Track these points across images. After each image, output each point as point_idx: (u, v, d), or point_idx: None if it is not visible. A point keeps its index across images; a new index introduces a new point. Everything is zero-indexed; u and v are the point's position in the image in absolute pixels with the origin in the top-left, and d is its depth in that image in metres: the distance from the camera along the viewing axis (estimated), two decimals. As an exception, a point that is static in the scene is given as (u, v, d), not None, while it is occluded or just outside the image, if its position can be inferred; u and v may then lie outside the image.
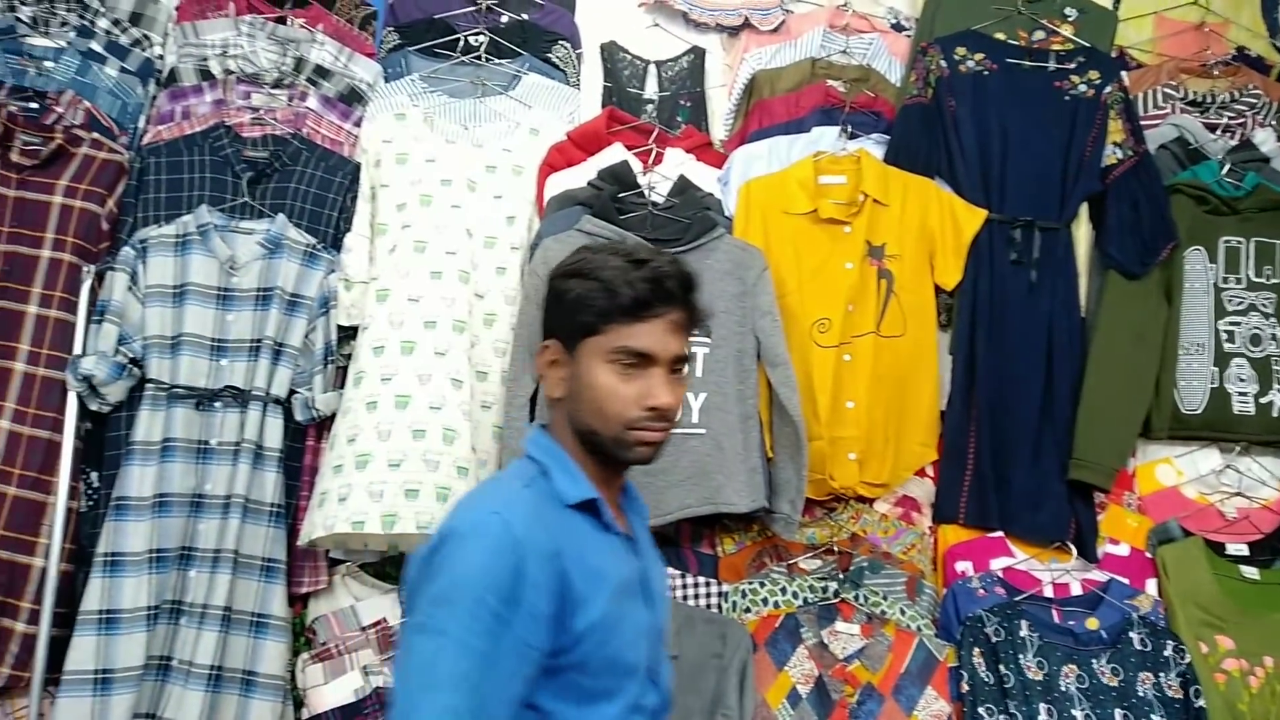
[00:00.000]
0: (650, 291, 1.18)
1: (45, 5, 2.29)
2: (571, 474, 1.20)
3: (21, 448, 2.03)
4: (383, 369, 2.05)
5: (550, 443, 1.23)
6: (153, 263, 2.10)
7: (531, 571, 1.08)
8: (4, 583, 1.97)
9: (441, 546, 1.09)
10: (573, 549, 1.13)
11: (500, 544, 1.07)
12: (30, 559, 2.01)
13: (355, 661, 2.05)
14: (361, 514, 1.94)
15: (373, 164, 2.25)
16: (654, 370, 1.19)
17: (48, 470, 2.05)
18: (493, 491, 1.23)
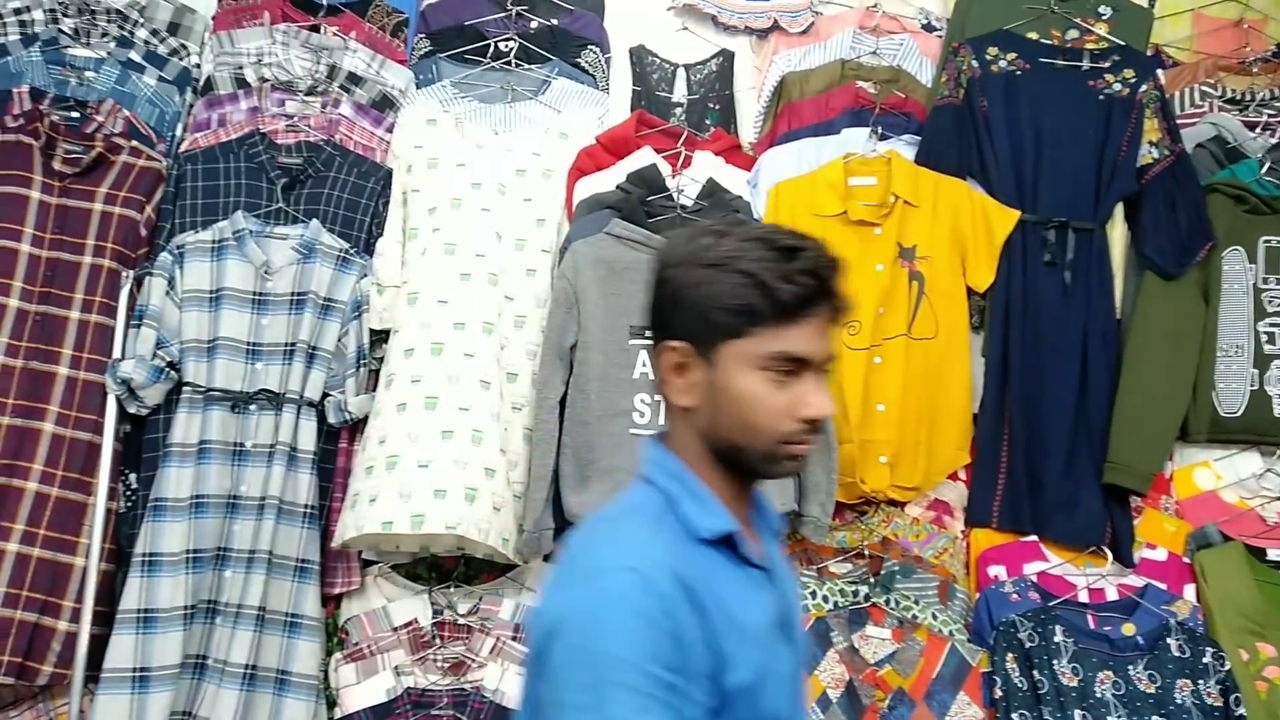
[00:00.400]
0: (810, 288, 1.00)
1: (86, 17, 2.33)
2: (704, 502, 1.03)
3: (64, 450, 2.07)
4: (412, 371, 2.07)
5: (675, 463, 1.05)
6: (190, 268, 2.14)
7: (685, 631, 0.92)
8: (46, 582, 2.01)
9: (569, 615, 0.93)
10: (714, 596, 0.96)
11: (646, 607, 0.90)
12: (72, 558, 2.04)
13: (387, 662, 2.07)
14: (390, 515, 1.96)
15: (404, 169, 2.27)
16: (807, 375, 1.02)
17: (88, 472, 2.08)
18: (620, 538, 1.00)
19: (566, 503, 2.05)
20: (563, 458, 2.07)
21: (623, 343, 2.11)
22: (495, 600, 2.14)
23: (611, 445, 2.05)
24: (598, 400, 2.07)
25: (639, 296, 2.07)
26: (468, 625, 2.11)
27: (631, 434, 2.07)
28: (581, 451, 2.06)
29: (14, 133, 2.18)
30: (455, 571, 2.18)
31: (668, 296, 1.05)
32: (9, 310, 2.09)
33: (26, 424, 2.05)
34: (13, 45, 2.29)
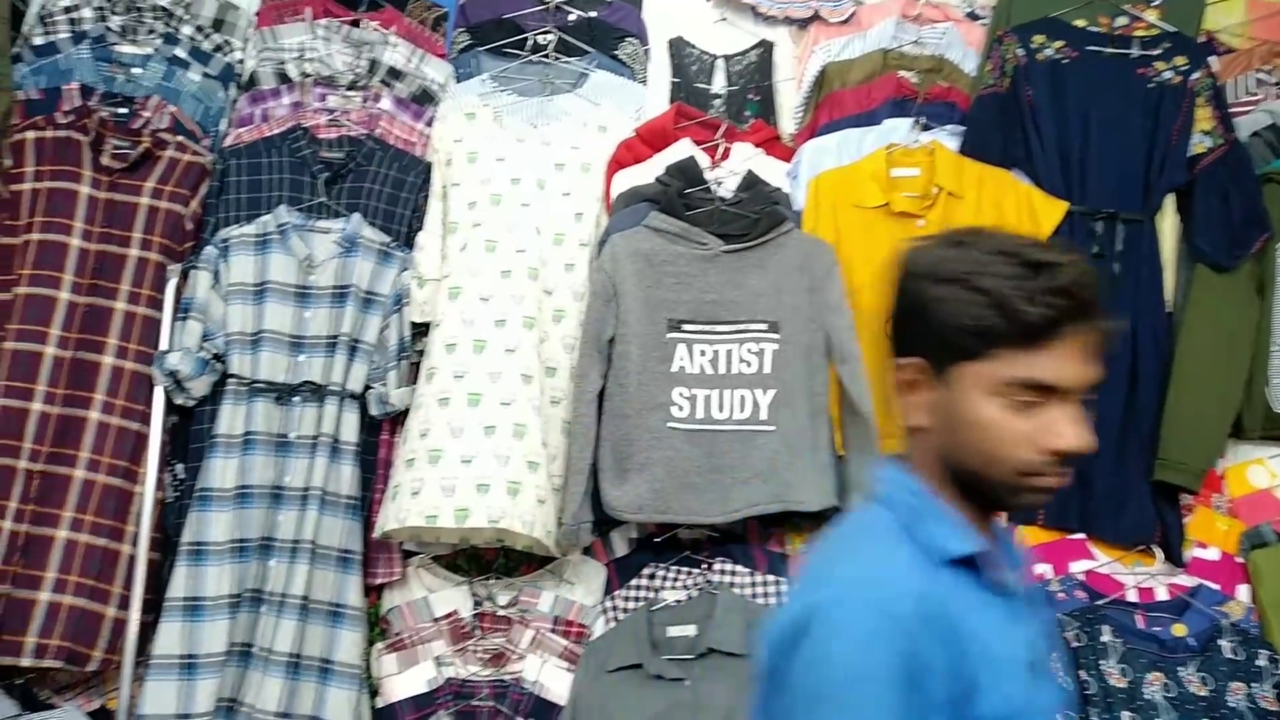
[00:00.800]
0: (1059, 310, 0.90)
1: (133, 14, 2.37)
2: (948, 522, 0.96)
3: (110, 438, 2.10)
4: (455, 366, 2.08)
5: (915, 483, 0.98)
6: (234, 261, 2.17)
7: (926, 654, 0.87)
8: (95, 569, 2.05)
9: (808, 631, 0.89)
10: (963, 621, 0.90)
11: (885, 626, 0.87)
12: (119, 546, 2.08)
13: (428, 652, 2.08)
14: (434, 509, 1.97)
15: (444, 163, 2.28)
16: (1058, 404, 0.93)
17: (134, 460, 2.12)
18: (858, 556, 0.97)
19: (605, 496, 2.05)
20: (601, 451, 2.07)
21: (660, 336, 2.10)
22: (534, 592, 2.14)
23: (650, 438, 2.05)
24: (636, 393, 2.07)
25: (677, 289, 2.11)
26: (507, 617, 2.12)
27: (669, 427, 2.06)
28: (620, 445, 2.06)
29: (64, 129, 2.22)
30: (495, 563, 2.19)
31: (904, 310, 0.99)
32: (59, 302, 2.13)
33: (74, 412, 2.09)
34: (63, 43, 2.34)
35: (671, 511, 2.05)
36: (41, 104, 2.27)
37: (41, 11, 2.37)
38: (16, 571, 2.00)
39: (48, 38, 2.35)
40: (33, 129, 2.21)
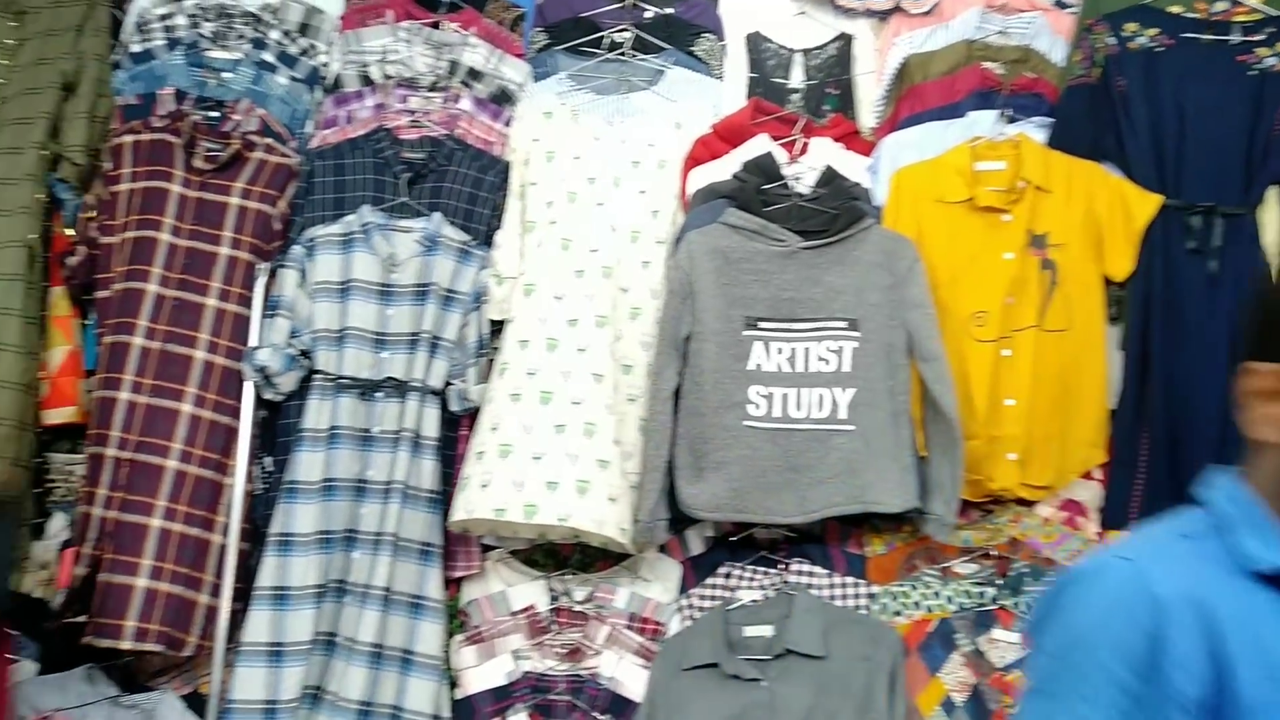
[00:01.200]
0: None
1: (224, 21, 2.44)
2: (1265, 534, 0.89)
3: (201, 430, 2.16)
4: (527, 363, 2.10)
5: (1245, 493, 0.92)
6: (320, 260, 2.22)
7: (1176, 642, 0.82)
8: (189, 557, 2.11)
9: (1063, 591, 0.90)
10: (1247, 629, 0.84)
11: (1128, 599, 0.84)
12: (209, 535, 2.14)
13: (505, 645, 2.11)
14: (503, 503, 2.00)
15: (522, 162, 2.30)
16: None
17: (224, 452, 2.17)
18: (1136, 536, 0.97)
19: (681, 494, 2.05)
20: (677, 449, 2.07)
21: (737, 333, 2.09)
22: (610, 589, 2.15)
23: (726, 437, 2.04)
24: (712, 391, 2.06)
25: (754, 287, 2.10)
26: (583, 613, 2.13)
27: (746, 426, 2.05)
28: (696, 443, 2.06)
29: (159, 132, 2.29)
30: (571, 559, 2.20)
31: (1267, 316, 0.91)
32: (147, 295, 2.19)
33: (164, 404, 2.15)
34: (159, 50, 2.41)
35: (748, 511, 2.04)
36: (138, 108, 2.36)
37: (139, 20, 2.46)
38: (110, 557, 2.07)
39: (144, 45, 2.43)
40: (130, 132, 2.29)
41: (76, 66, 2.34)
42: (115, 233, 2.24)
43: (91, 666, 2.09)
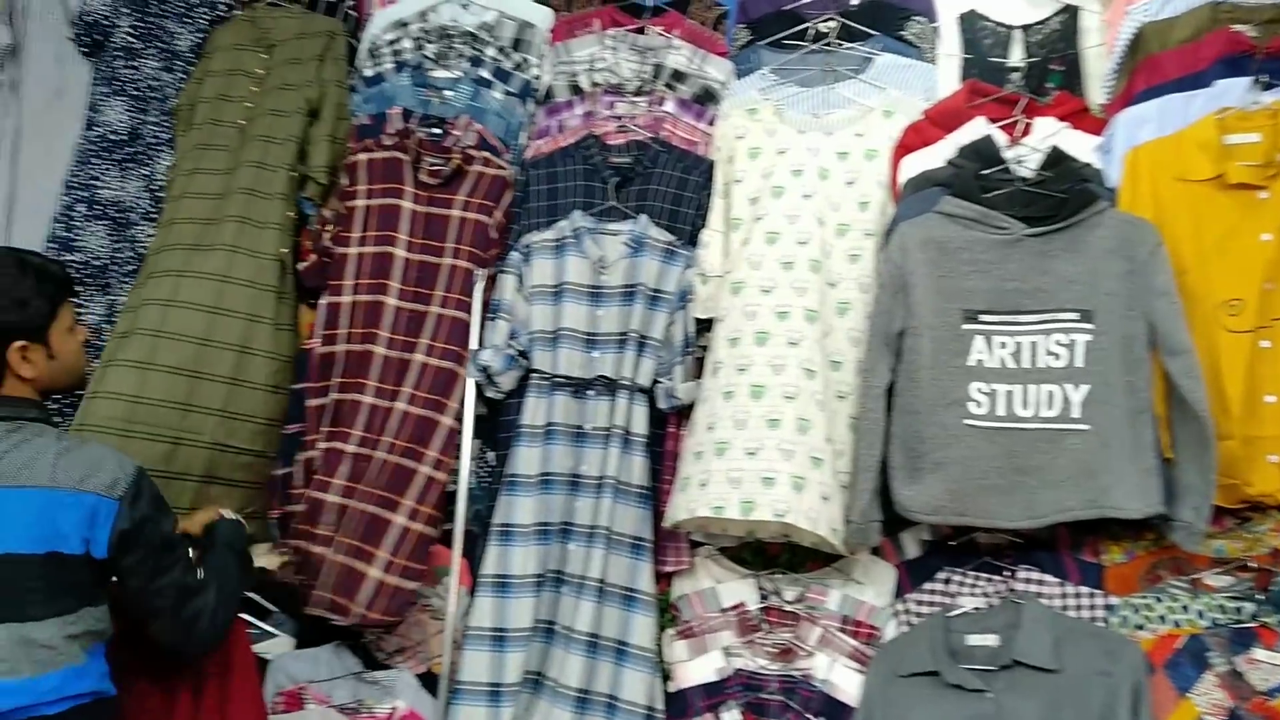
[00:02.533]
0: None
1: (445, 42, 2.59)
2: None
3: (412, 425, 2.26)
4: (738, 359, 2.10)
5: None
6: (535, 265, 2.32)
7: None
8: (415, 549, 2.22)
9: None
10: None
11: None
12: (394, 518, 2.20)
13: (716, 642, 2.12)
14: (721, 499, 2.00)
15: (726, 160, 2.30)
16: None
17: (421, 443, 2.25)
18: None
19: (896, 495, 1.98)
20: (891, 448, 2.00)
21: (955, 327, 2.00)
22: (821, 590, 2.12)
23: (944, 436, 1.96)
24: (929, 388, 1.98)
25: (974, 278, 1.99)
26: (794, 613, 2.11)
27: (966, 425, 1.96)
28: (911, 442, 1.98)
29: (389, 150, 2.47)
30: (780, 558, 2.18)
31: None
32: (387, 308, 2.36)
33: (388, 404, 2.28)
34: (388, 73, 2.60)
35: (970, 514, 1.94)
36: (371, 128, 2.54)
37: (370, 46, 2.66)
38: (348, 542, 2.21)
39: (375, 69, 2.63)
40: (364, 151, 2.48)
41: (319, 93, 2.55)
42: (350, 245, 2.41)
43: (339, 643, 2.27)
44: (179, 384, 2.24)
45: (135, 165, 2.57)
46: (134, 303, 2.36)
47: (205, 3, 2.71)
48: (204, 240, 2.38)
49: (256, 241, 2.39)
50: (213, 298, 2.32)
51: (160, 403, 2.22)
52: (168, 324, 2.28)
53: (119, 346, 2.29)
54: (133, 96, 2.62)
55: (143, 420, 2.20)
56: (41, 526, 1.49)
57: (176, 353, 2.26)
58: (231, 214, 2.40)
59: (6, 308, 1.54)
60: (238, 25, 2.67)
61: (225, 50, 2.64)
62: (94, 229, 2.51)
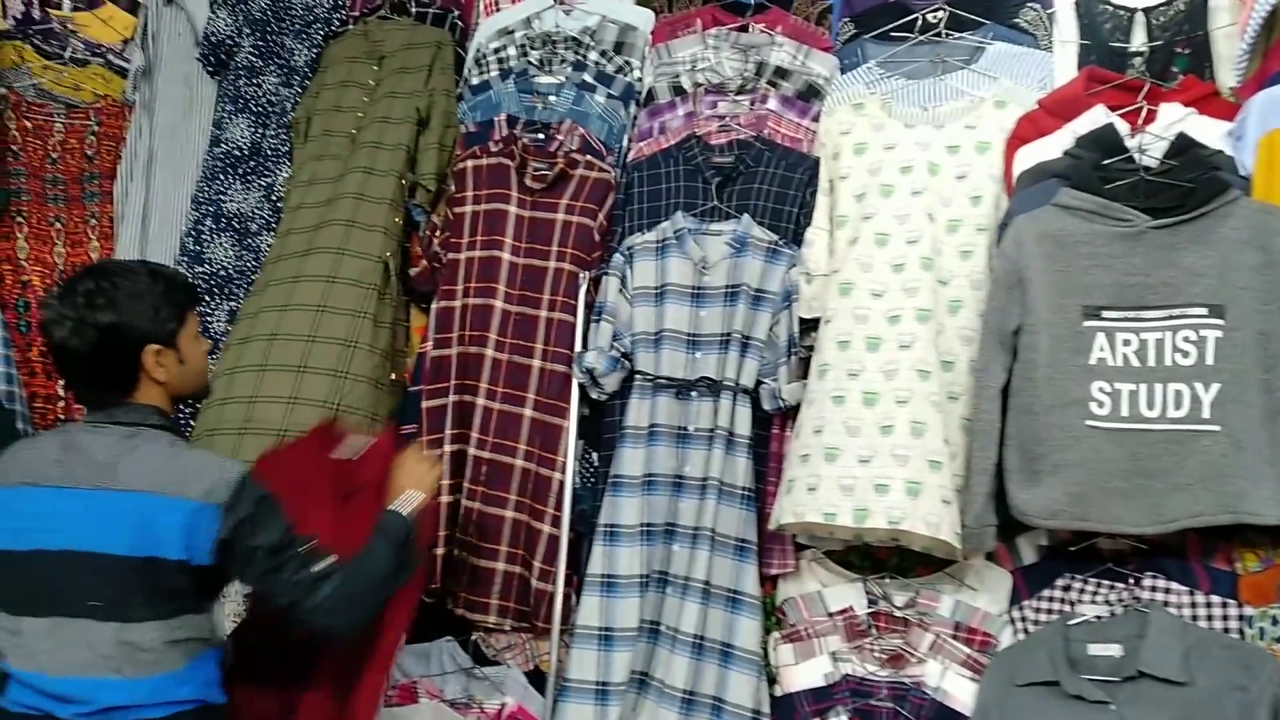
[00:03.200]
0: None
1: (548, 48, 2.63)
2: None
3: (538, 431, 2.33)
4: (848, 364, 2.06)
5: None
6: (638, 267, 2.33)
7: None
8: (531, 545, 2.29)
9: None
10: None
11: None
12: (541, 526, 2.30)
13: (824, 646, 2.09)
14: (833, 506, 1.97)
15: (831, 157, 2.27)
16: None
17: (554, 450, 2.32)
18: None
19: (1013, 499, 1.92)
20: (1007, 450, 1.93)
21: (1075, 325, 1.92)
22: (933, 595, 2.07)
23: (1064, 438, 1.88)
24: (1046, 388, 1.91)
25: (1094, 273, 1.91)
26: (904, 618, 2.06)
27: (1087, 425, 1.88)
28: (1028, 444, 1.91)
29: (495, 156, 2.52)
30: (889, 562, 2.14)
31: None
32: (495, 311, 2.41)
33: (512, 410, 2.35)
34: (494, 80, 2.65)
35: (1092, 518, 1.86)
36: (477, 135, 2.60)
37: (476, 55, 2.72)
38: (473, 542, 2.30)
39: (481, 77, 2.68)
40: (471, 158, 2.54)
41: (428, 102, 2.62)
42: (460, 250, 2.47)
43: (450, 639, 2.34)
44: (287, 380, 2.33)
45: (256, 178, 2.69)
46: (251, 309, 2.47)
47: (321, 19, 2.82)
48: (315, 245, 2.47)
49: (363, 244, 2.47)
50: (320, 297, 2.41)
51: (272, 399, 2.32)
52: (282, 327, 2.39)
53: (240, 353, 2.40)
54: (254, 112, 2.75)
55: (257, 419, 2.30)
56: (140, 531, 1.52)
57: (289, 352, 2.36)
58: (340, 218, 2.49)
59: (141, 314, 1.61)
60: (351, 39, 2.77)
61: (339, 63, 2.74)
62: (220, 241, 2.64)
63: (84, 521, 1.52)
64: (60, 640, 1.51)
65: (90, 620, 1.51)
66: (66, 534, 1.52)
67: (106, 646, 1.51)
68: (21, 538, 1.53)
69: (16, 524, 1.54)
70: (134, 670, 1.52)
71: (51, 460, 1.56)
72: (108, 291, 1.57)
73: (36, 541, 1.53)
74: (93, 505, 1.53)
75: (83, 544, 1.52)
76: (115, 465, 1.55)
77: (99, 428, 1.59)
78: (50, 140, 2.77)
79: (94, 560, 1.51)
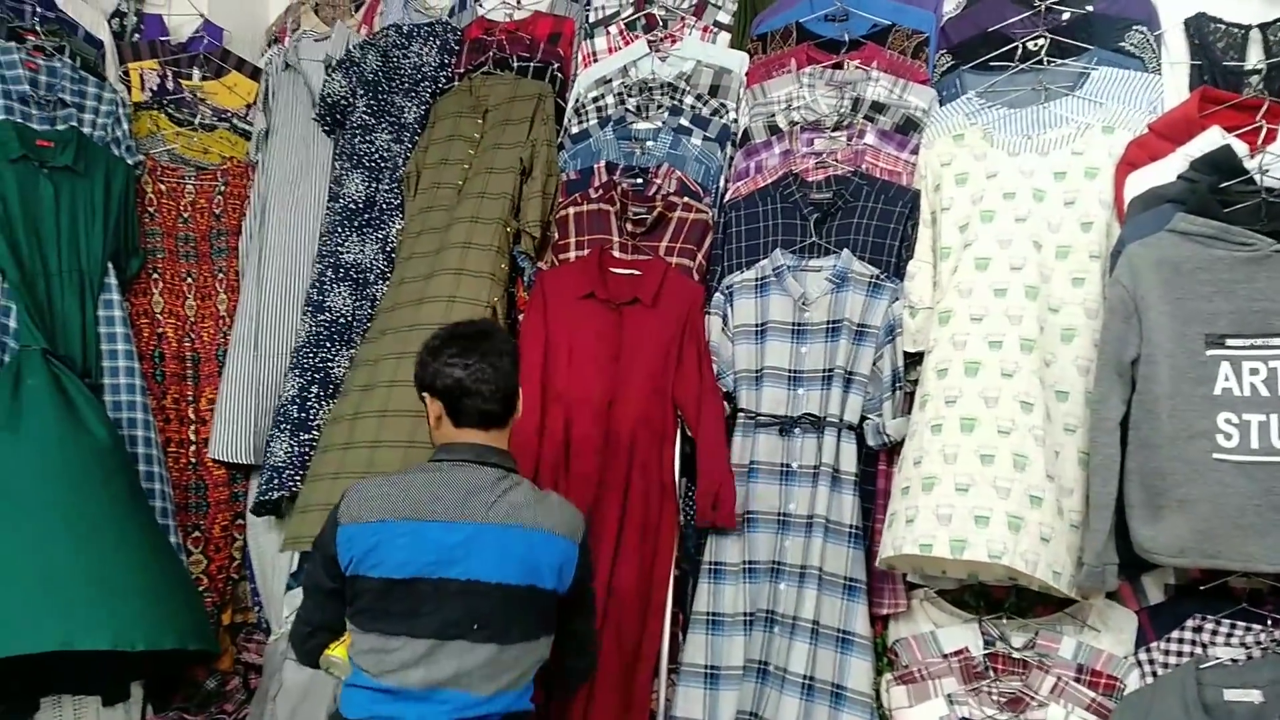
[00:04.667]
0: None
1: (645, 94, 2.69)
2: None
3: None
4: (946, 391, 2.03)
5: None
6: (738, 305, 2.35)
7: None
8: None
9: None
10: None
11: None
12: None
13: (939, 688, 2.04)
14: (929, 536, 1.93)
15: (932, 189, 2.25)
16: None
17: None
18: None
19: (1135, 535, 1.84)
20: (1128, 485, 1.87)
21: (1197, 354, 1.85)
22: (1053, 636, 2.00)
23: (1188, 471, 1.81)
24: (1168, 421, 1.84)
25: (1216, 300, 1.84)
26: (1023, 660, 2.00)
27: (1215, 459, 1.80)
28: (1150, 479, 1.84)
29: (596, 201, 2.58)
30: (1006, 602, 2.08)
31: None
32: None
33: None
34: (593, 129, 2.73)
35: (1223, 556, 1.78)
36: (578, 182, 2.67)
37: (576, 105, 2.80)
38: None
39: (581, 125, 2.76)
40: (572, 204, 2.61)
41: (530, 152, 2.71)
42: (563, 294, 2.54)
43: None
44: (406, 425, 2.41)
45: (372, 230, 2.82)
46: (371, 356, 2.57)
47: (428, 77, 2.95)
48: (426, 294, 2.57)
49: (471, 290, 2.55)
50: None
51: (394, 444, 2.40)
52: (400, 374, 2.47)
53: (361, 399, 2.49)
54: (368, 168, 2.88)
55: (379, 463, 2.39)
56: (526, 562, 1.64)
57: (408, 399, 2.43)
58: (449, 266, 2.58)
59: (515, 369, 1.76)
60: (457, 94, 2.89)
61: (446, 118, 2.86)
62: (340, 290, 2.77)
63: (475, 552, 1.62)
64: (435, 659, 1.59)
65: (467, 641, 1.60)
66: (459, 565, 1.61)
67: (482, 667, 1.61)
68: (404, 568, 1.62)
69: (404, 556, 1.62)
70: (496, 686, 1.62)
71: (430, 497, 1.65)
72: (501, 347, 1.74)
73: (421, 571, 1.61)
74: (483, 538, 1.63)
75: (474, 574, 1.62)
76: (496, 503, 1.66)
77: (478, 468, 1.70)
78: (182, 201, 2.96)
79: (484, 588, 1.62)
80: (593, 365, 2.37)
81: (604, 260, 2.45)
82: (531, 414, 2.41)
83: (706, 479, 2.24)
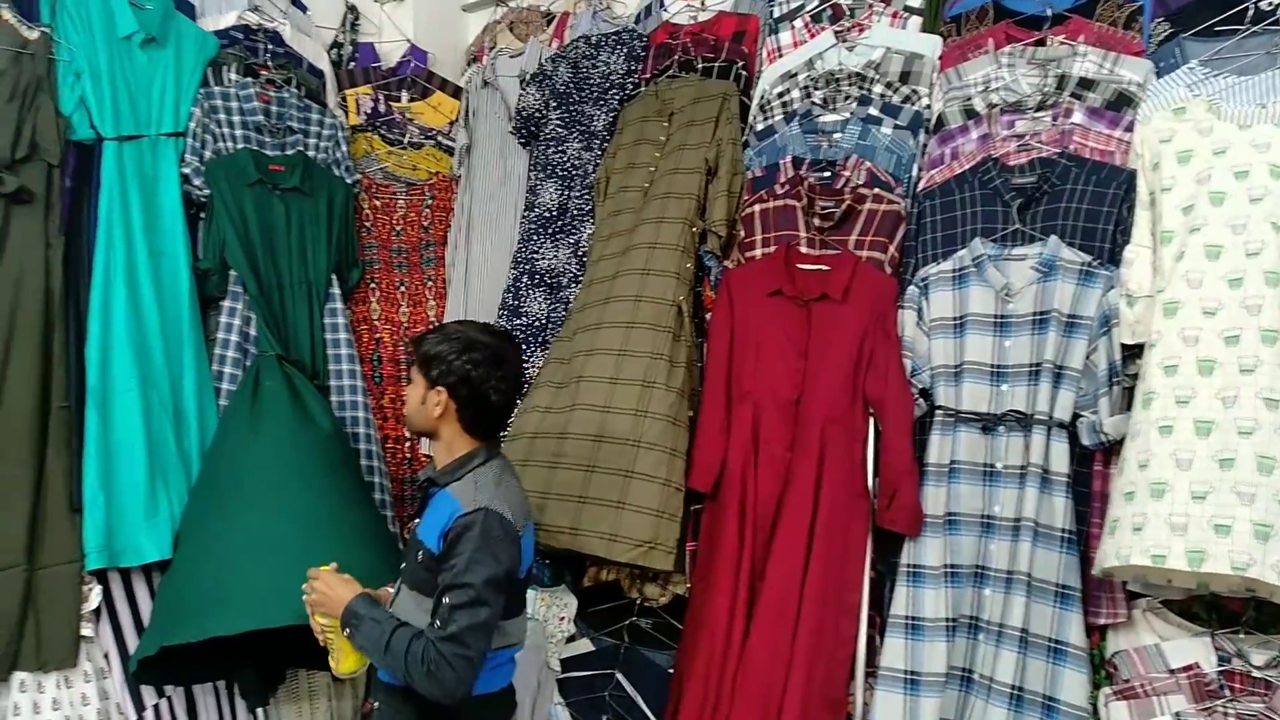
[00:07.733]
0: None
1: (832, 86, 2.64)
2: None
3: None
4: (1176, 390, 1.87)
5: None
6: (934, 298, 2.26)
7: None
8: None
9: None
10: None
11: None
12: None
13: (1165, 706, 1.89)
14: (1162, 547, 1.79)
15: (1149, 168, 2.08)
16: None
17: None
18: None
19: (1405, 545, 1.64)
20: (1394, 488, 1.66)
21: None
22: (1302, 656, 1.81)
23: None
24: None
25: None
26: (1265, 679, 1.82)
27: None
28: None
29: (783, 197, 2.56)
30: (1244, 616, 1.90)
31: None
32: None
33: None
34: (778, 125, 2.70)
35: None
36: (764, 180, 2.65)
37: (760, 102, 2.79)
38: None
39: (766, 122, 2.75)
40: (758, 202, 2.60)
41: (716, 151, 2.72)
42: (750, 292, 2.54)
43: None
44: (594, 419, 2.49)
45: (564, 236, 2.93)
46: (563, 354, 2.68)
47: (616, 85, 3.02)
48: (613, 294, 2.64)
49: (657, 290, 2.59)
50: (620, 342, 2.57)
51: (580, 436, 2.50)
52: (588, 370, 2.57)
53: (555, 394, 2.60)
54: (560, 177, 3.00)
55: (568, 454, 2.49)
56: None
57: (595, 394, 2.53)
58: (635, 266, 2.64)
59: None
60: (643, 100, 2.95)
61: (632, 124, 2.92)
62: (535, 295, 2.90)
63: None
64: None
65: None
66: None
67: None
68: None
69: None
70: None
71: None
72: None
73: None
74: None
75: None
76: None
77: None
78: (394, 215, 3.19)
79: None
80: (780, 362, 2.36)
81: (790, 256, 2.43)
82: (718, 412, 2.44)
83: (885, 476, 2.21)
